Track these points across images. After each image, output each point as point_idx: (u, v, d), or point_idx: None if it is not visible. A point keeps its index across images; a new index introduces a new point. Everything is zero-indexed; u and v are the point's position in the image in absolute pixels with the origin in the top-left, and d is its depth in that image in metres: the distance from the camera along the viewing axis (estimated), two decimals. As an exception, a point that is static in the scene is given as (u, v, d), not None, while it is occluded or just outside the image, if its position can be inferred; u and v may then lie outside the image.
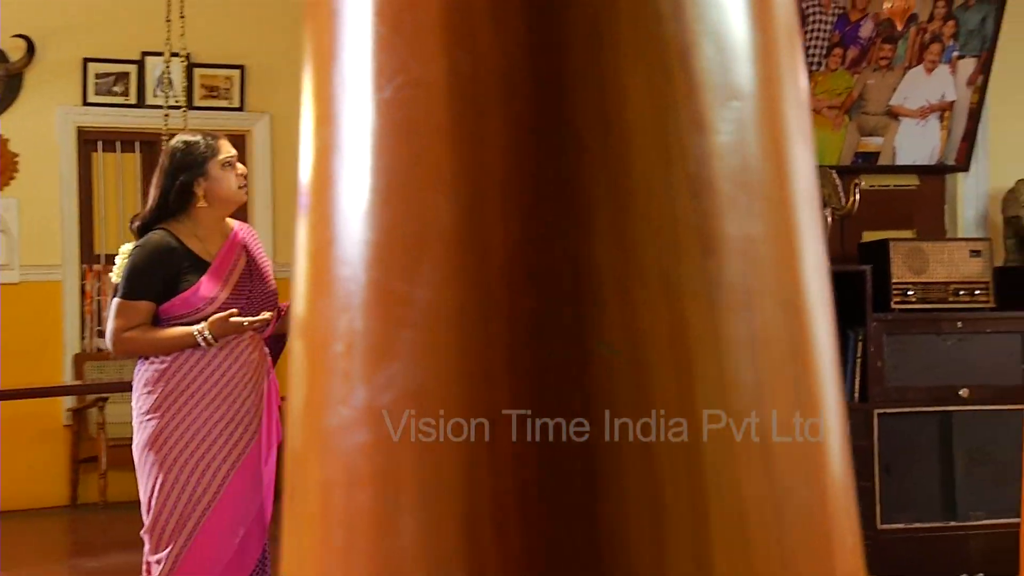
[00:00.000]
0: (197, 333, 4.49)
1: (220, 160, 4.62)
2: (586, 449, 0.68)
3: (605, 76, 0.70)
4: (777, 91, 0.75)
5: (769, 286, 0.72)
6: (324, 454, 0.73)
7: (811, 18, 6.02)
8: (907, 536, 5.86)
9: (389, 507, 0.70)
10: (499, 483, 0.69)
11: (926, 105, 6.35)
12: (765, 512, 0.70)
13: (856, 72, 6.18)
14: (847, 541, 0.74)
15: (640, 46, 0.70)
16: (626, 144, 0.70)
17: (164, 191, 4.63)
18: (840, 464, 0.75)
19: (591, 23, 0.70)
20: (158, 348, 4.54)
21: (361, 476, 0.71)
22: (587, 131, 0.70)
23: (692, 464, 0.69)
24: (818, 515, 0.72)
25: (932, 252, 6.01)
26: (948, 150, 6.44)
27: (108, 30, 9.91)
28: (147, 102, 10.12)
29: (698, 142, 0.71)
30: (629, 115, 0.70)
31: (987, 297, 6.06)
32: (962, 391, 5.89)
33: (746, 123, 0.73)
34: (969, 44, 6.28)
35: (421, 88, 0.72)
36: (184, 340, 4.51)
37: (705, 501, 0.69)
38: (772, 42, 0.75)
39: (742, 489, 0.70)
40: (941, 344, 5.91)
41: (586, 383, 0.69)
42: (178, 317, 4.55)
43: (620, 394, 0.69)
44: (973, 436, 5.93)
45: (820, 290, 0.75)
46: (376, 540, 0.71)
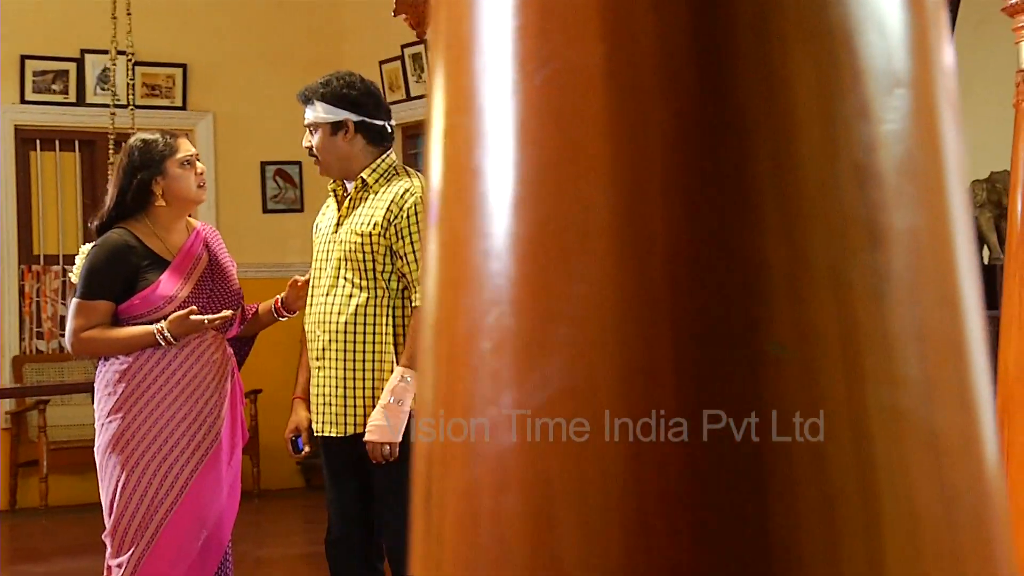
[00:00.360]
0: (157, 332, 4.47)
1: (179, 159, 4.61)
2: (755, 450, 0.66)
3: (771, 63, 0.67)
4: (933, 75, 0.73)
5: (931, 280, 0.70)
6: (470, 456, 0.70)
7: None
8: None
9: (544, 511, 0.68)
10: (666, 486, 0.66)
11: (878, 105, 6.37)
12: (936, 514, 0.68)
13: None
14: (1007, 544, 0.72)
15: (806, 32, 0.68)
16: (793, 134, 0.67)
17: (122, 190, 4.63)
18: (996, 465, 0.73)
19: (756, 7, 0.67)
20: (118, 347, 4.52)
21: (512, 479, 0.69)
22: (752, 121, 0.67)
23: (864, 465, 0.67)
24: (984, 517, 0.70)
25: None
26: (900, 150, 6.47)
27: (47, 27, 9.79)
28: (87, 100, 10.02)
29: (864, 131, 0.69)
30: (795, 104, 0.68)
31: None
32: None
33: (909, 110, 0.70)
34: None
35: (576, 74, 0.69)
36: (144, 339, 4.49)
37: (877, 503, 0.67)
38: (925, 23, 0.73)
39: (913, 490, 0.68)
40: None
41: (755, 382, 0.66)
42: (138, 316, 4.53)
43: (789, 393, 0.66)
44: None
45: (973, 284, 0.73)
46: (531, 546, 0.68)
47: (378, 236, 4.38)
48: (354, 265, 4.41)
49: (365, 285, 4.40)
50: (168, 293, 4.52)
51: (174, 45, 10.03)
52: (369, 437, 4.33)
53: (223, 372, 4.60)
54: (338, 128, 4.48)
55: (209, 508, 4.54)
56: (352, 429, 4.43)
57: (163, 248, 4.60)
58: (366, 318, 4.40)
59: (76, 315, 4.55)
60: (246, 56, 10.44)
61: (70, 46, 9.90)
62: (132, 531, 4.47)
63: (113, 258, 4.53)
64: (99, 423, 4.56)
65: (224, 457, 4.58)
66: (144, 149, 4.61)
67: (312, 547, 7.15)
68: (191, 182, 4.63)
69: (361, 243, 4.40)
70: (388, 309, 4.40)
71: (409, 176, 4.50)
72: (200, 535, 4.52)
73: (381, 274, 4.39)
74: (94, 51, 10.00)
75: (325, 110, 4.47)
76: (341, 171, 4.55)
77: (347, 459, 4.52)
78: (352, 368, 4.41)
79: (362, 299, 4.40)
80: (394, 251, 4.37)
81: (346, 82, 4.49)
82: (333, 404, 4.45)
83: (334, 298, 4.46)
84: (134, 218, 4.60)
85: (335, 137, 4.49)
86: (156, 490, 4.47)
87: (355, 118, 4.47)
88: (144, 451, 4.47)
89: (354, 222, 4.46)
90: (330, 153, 4.52)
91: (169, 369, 4.51)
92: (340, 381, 4.43)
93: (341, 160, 4.52)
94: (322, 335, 4.49)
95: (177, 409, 4.48)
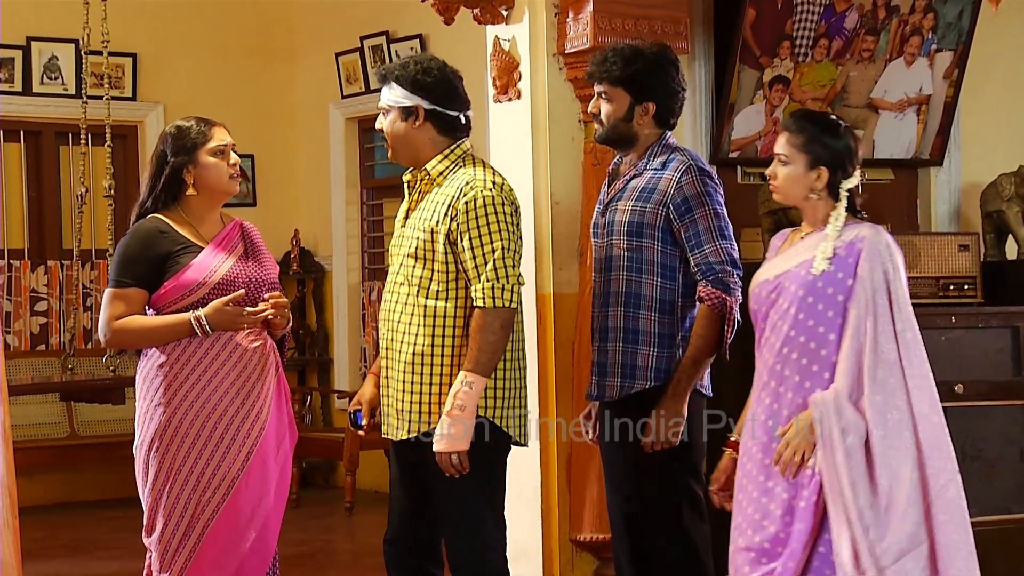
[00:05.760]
0: (193, 319, 4.31)
1: (211, 148, 4.45)
2: None
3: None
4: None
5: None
6: None
7: (799, 8, 5.92)
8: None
9: None
10: None
11: (904, 98, 6.31)
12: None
13: (840, 64, 6.11)
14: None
15: None
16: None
17: (154, 176, 4.48)
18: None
19: None
20: (153, 336, 4.35)
21: None
22: None
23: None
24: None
25: (923, 246, 5.96)
26: (923, 144, 6.41)
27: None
28: (33, 90, 9.64)
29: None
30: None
31: (975, 292, 6.03)
32: (957, 386, 5.84)
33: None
34: (947, 37, 6.25)
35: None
36: (179, 327, 4.32)
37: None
38: None
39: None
40: (937, 339, 5.85)
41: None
42: (171, 304, 4.35)
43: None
44: (966, 432, 5.88)
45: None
46: None
47: (441, 233, 4.20)
48: (419, 261, 4.23)
49: (429, 282, 4.22)
50: (199, 277, 4.34)
51: (123, 33, 9.64)
52: (437, 448, 4.15)
53: (265, 361, 4.40)
54: (409, 114, 4.28)
55: (257, 507, 4.35)
56: (415, 429, 4.24)
57: (196, 236, 4.44)
58: (431, 318, 4.22)
59: (108, 304, 4.38)
60: (197, 46, 10.13)
61: (16, 33, 9.50)
62: (177, 539, 4.29)
63: (144, 244, 4.37)
64: (140, 419, 4.38)
65: (271, 452, 4.39)
66: (177, 136, 4.45)
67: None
68: (223, 172, 4.45)
69: (425, 238, 4.22)
70: (453, 307, 4.21)
71: (475, 166, 4.29)
72: (248, 536, 4.33)
73: (446, 271, 4.21)
74: (40, 39, 9.64)
75: (398, 93, 4.27)
76: (409, 159, 4.35)
77: (409, 461, 4.35)
78: (413, 369, 4.23)
79: (426, 296, 4.22)
80: (455, 248, 4.19)
81: (423, 67, 4.28)
82: (395, 405, 4.29)
83: (399, 295, 4.29)
84: (167, 208, 4.44)
85: (405, 123, 4.29)
86: (203, 490, 4.28)
87: (427, 105, 4.27)
88: (189, 448, 4.28)
89: (420, 216, 4.28)
90: (398, 139, 4.32)
91: (207, 358, 4.33)
92: (402, 383, 4.26)
93: (409, 148, 4.32)
94: (387, 332, 4.32)
95: (218, 401, 4.31)
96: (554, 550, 5.60)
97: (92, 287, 9.72)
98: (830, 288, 3.86)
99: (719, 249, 4.37)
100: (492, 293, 4.13)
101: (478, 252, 4.14)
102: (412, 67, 4.28)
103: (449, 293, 4.21)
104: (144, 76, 9.99)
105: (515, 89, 5.67)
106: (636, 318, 4.46)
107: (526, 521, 5.54)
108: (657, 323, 4.46)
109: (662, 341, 4.46)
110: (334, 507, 9.24)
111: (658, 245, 4.43)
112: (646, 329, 4.45)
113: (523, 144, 5.65)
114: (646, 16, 5.52)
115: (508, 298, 4.14)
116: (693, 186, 4.42)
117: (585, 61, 5.27)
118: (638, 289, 4.46)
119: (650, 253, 4.44)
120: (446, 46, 8.81)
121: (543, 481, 5.60)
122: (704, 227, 4.40)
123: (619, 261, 4.49)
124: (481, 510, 4.24)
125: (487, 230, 4.15)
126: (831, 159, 3.93)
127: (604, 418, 4.56)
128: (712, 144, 5.96)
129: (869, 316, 3.81)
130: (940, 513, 3.78)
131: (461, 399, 4.11)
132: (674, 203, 4.41)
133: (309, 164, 10.47)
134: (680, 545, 4.47)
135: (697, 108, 5.96)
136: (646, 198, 4.45)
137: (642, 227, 4.44)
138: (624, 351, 4.46)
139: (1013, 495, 5.96)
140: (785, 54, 5.96)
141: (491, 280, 4.13)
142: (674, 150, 4.52)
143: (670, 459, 4.43)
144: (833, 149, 3.93)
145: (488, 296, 4.13)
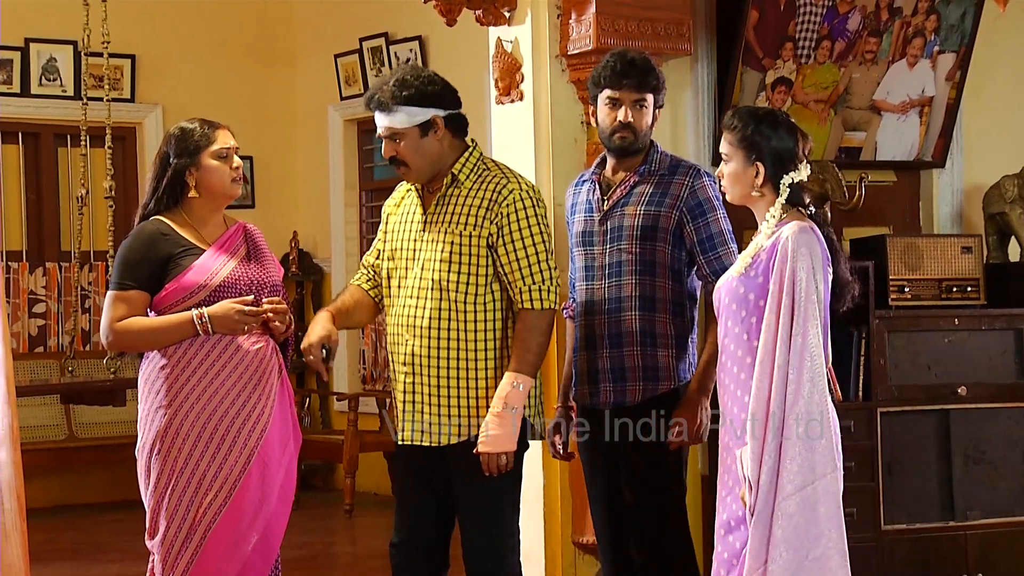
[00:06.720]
0: (196, 316, 4.28)
1: (214, 150, 4.42)
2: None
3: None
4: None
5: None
6: None
7: (802, 9, 5.91)
8: (908, 537, 5.77)
9: None
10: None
11: (907, 100, 6.30)
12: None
13: (843, 65, 6.10)
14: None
15: None
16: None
17: (157, 178, 4.46)
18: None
19: None
20: (155, 337, 4.32)
21: None
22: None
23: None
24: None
25: (926, 248, 5.95)
26: (926, 146, 6.40)
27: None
28: (32, 91, 9.63)
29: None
30: None
31: (978, 294, 6.02)
32: (960, 389, 5.83)
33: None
34: (949, 39, 6.25)
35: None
36: (181, 327, 4.30)
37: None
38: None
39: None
40: (940, 342, 5.85)
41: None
42: (172, 306, 4.32)
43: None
44: (970, 434, 5.88)
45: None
46: None
47: (478, 236, 4.19)
48: (452, 267, 4.21)
49: (462, 288, 4.21)
50: (200, 280, 4.32)
51: (122, 35, 9.61)
52: (483, 448, 4.15)
53: (266, 364, 4.38)
54: (428, 128, 4.25)
55: (259, 510, 4.33)
56: (446, 439, 4.24)
57: (198, 238, 4.42)
58: (464, 324, 4.22)
59: (110, 306, 4.37)
60: (196, 48, 10.11)
61: (14, 34, 9.48)
62: (180, 541, 4.27)
63: (145, 246, 4.35)
64: (142, 422, 4.36)
65: (273, 455, 4.36)
66: (180, 138, 4.43)
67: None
68: (225, 175, 4.43)
69: (459, 244, 4.21)
70: (487, 313, 4.22)
71: (503, 172, 4.30)
72: (250, 538, 4.31)
73: (481, 276, 4.21)
74: (39, 40, 9.62)
75: (410, 113, 4.23)
76: (433, 172, 4.33)
77: (434, 468, 4.32)
78: (447, 376, 4.23)
79: (458, 303, 4.21)
80: (495, 252, 4.20)
81: (426, 78, 4.27)
82: (426, 413, 4.26)
83: (425, 301, 4.26)
84: (169, 210, 4.43)
85: (425, 139, 4.26)
86: (205, 493, 4.25)
87: (443, 113, 4.26)
88: (191, 451, 4.26)
89: (448, 221, 4.25)
90: (423, 157, 4.28)
91: (209, 361, 4.31)
92: (435, 389, 4.24)
93: (435, 161, 4.30)
94: (411, 339, 4.29)
95: (219, 403, 4.28)
96: (557, 553, 5.59)
97: (91, 289, 9.70)
98: (751, 293, 3.79)
99: (731, 252, 4.39)
100: (539, 295, 4.19)
101: (522, 254, 4.19)
102: (412, 82, 4.24)
103: (484, 296, 4.23)
104: (143, 78, 9.98)
105: (518, 91, 5.66)
106: (653, 321, 4.47)
107: (529, 524, 5.51)
108: (672, 325, 4.48)
109: (678, 343, 4.50)
110: (334, 509, 9.23)
111: (668, 248, 4.45)
112: (663, 331, 4.47)
113: (525, 146, 5.64)
114: (649, 18, 5.51)
115: (552, 299, 4.21)
116: (706, 190, 4.46)
117: (588, 63, 5.26)
118: (652, 292, 4.46)
119: (662, 256, 4.46)
120: (445, 47, 8.82)
121: (546, 484, 5.60)
122: (717, 230, 4.44)
123: (629, 266, 4.49)
124: (506, 511, 4.28)
125: (529, 232, 4.20)
126: (768, 153, 3.81)
127: (602, 423, 4.53)
128: (714, 146, 5.94)
129: (773, 320, 3.70)
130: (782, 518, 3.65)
131: (511, 400, 4.14)
132: (688, 206, 4.44)
133: (308, 166, 10.46)
134: (677, 544, 4.51)
135: (699, 110, 5.95)
136: (658, 202, 4.47)
137: (655, 230, 4.46)
138: (644, 354, 4.47)
139: (1017, 497, 5.96)
140: (788, 56, 5.95)
141: (536, 282, 4.19)
142: (671, 156, 4.59)
143: (675, 459, 4.47)
144: (770, 142, 3.82)
145: (536, 298, 4.19)
